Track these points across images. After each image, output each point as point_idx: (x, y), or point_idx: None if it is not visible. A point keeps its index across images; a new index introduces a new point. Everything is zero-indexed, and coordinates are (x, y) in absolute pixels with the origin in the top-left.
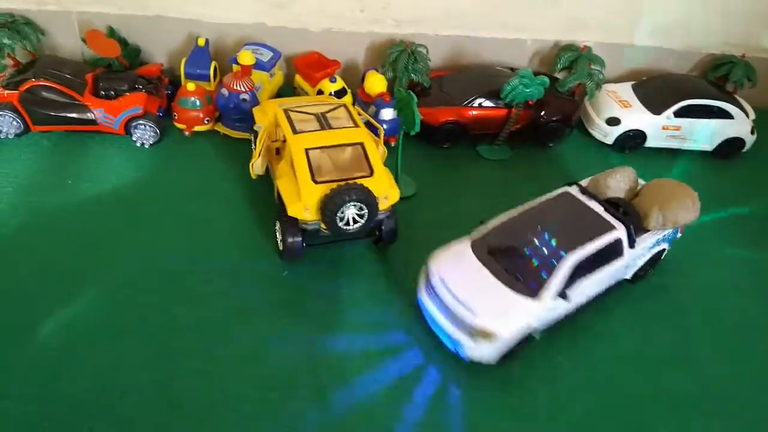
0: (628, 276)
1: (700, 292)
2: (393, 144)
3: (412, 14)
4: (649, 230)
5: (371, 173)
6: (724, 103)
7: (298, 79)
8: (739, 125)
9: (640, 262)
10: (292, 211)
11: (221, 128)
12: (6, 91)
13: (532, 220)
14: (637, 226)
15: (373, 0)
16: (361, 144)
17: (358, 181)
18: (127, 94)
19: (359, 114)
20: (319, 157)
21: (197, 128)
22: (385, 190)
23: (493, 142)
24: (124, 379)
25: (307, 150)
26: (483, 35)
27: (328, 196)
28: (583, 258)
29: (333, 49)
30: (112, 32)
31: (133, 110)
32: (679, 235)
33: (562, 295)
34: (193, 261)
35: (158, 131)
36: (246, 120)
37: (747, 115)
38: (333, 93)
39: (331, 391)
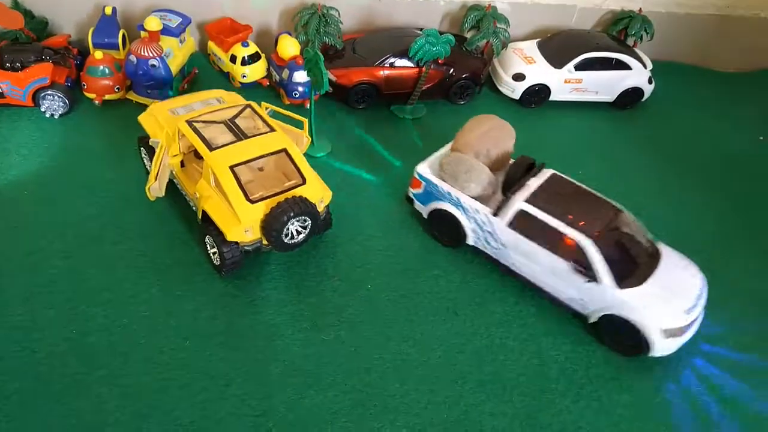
0: None
1: None
2: (307, 106)
3: None
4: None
5: (303, 180)
6: (621, 55)
7: (211, 45)
8: (637, 76)
9: None
10: (232, 237)
11: (133, 96)
12: None
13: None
14: None
15: None
16: (285, 150)
17: (293, 192)
18: (34, 65)
19: (266, 109)
20: (246, 173)
21: (108, 97)
22: (320, 194)
23: (407, 101)
24: (37, 338)
25: (231, 168)
26: None
27: (271, 216)
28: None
29: (245, 15)
30: (16, 4)
31: (39, 81)
32: None
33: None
34: (104, 226)
35: (67, 101)
36: (157, 86)
37: (644, 66)
38: (246, 57)
39: (247, 339)
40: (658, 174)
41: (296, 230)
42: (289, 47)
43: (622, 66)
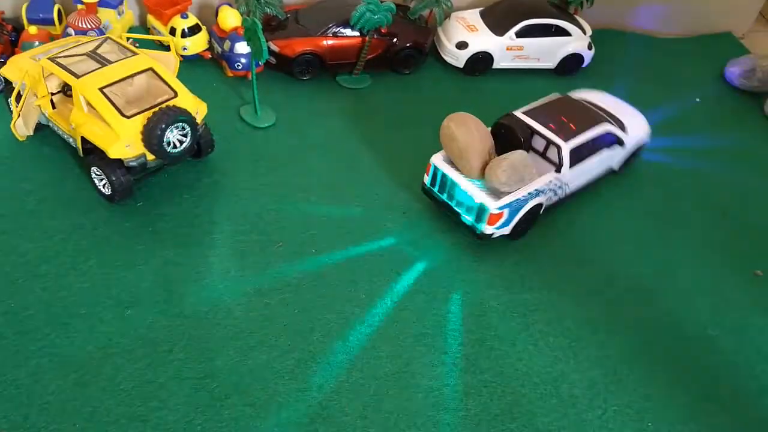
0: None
1: None
2: (249, 78)
3: None
4: None
5: (175, 94)
6: (561, 21)
7: (150, 18)
8: (577, 41)
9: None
10: (114, 153)
11: None
12: None
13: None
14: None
15: None
16: (151, 68)
17: (167, 104)
18: None
19: (129, 40)
20: (117, 93)
21: None
22: (195, 106)
23: (351, 71)
24: None
25: (101, 89)
26: None
27: (149, 126)
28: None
29: None
30: None
31: None
32: None
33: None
34: (44, 200)
35: (1, 80)
36: None
37: (584, 32)
38: (186, 29)
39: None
40: None
41: (178, 140)
42: (229, 18)
43: (562, 32)
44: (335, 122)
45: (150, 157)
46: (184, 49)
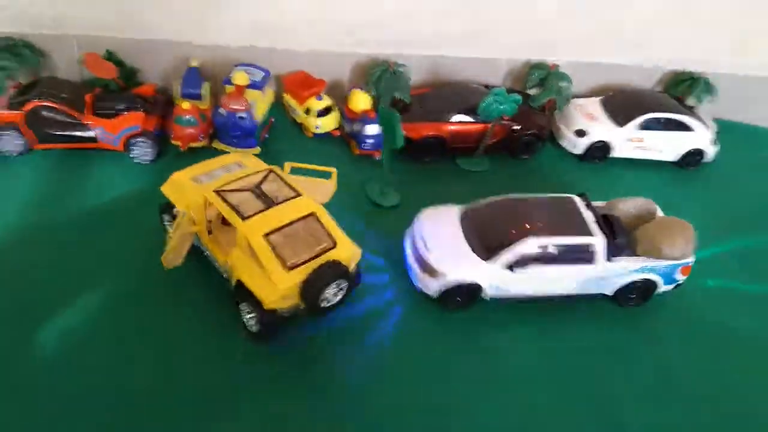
0: (608, 292)
1: None
2: (377, 157)
3: (394, 36)
4: (637, 255)
5: (334, 244)
6: (683, 116)
7: (287, 98)
8: (699, 137)
9: (620, 281)
10: (269, 304)
11: (219, 145)
12: (9, 112)
13: (522, 206)
14: (621, 245)
15: (360, 23)
16: (313, 214)
17: (326, 255)
18: (126, 113)
19: (291, 167)
20: (279, 240)
21: (192, 144)
22: (351, 254)
23: (472, 155)
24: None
25: (266, 236)
26: (460, 55)
27: (308, 283)
28: (545, 245)
29: (319, 69)
30: (109, 55)
31: (132, 128)
32: (680, 277)
33: (511, 268)
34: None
35: (156, 147)
36: (243, 136)
37: (707, 128)
38: (320, 110)
39: None
40: (726, 233)
41: (332, 294)
42: (361, 101)
43: (684, 127)
44: (457, 203)
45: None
46: (317, 127)
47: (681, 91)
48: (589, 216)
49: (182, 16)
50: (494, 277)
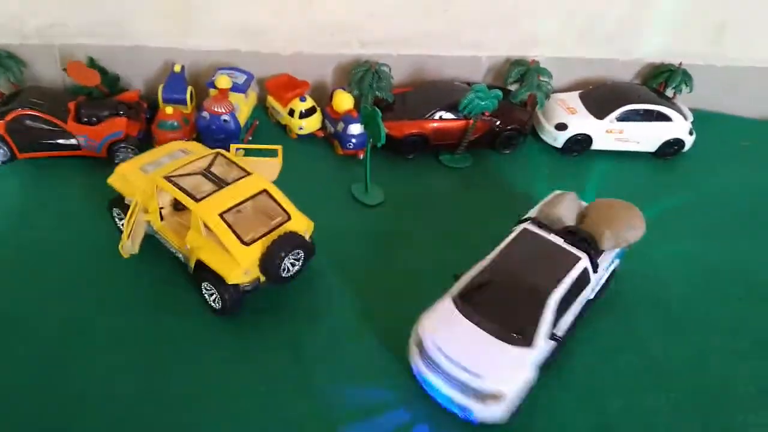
0: (592, 296)
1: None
2: (361, 156)
3: (375, 36)
4: (603, 251)
5: (288, 216)
6: (662, 107)
7: (270, 100)
8: (678, 127)
9: (602, 281)
10: (233, 279)
11: None
12: None
13: (504, 267)
14: (596, 251)
15: (342, 24)
16: (265, 190)
17: (283, 227)
18: (109, 119)
19: (237, 150)
20: (234, 217)
21: None
22: (305, 226)
23: (454, 151)
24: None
25: (221, 215)
26: (441, 54)
27: (268, 255)
28: (562, 295)
29: (302, 71)
30: (92, 62)
31: (114, 134)
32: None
33: (552, 336)
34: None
35: (139, 153)
36: (227, 138)
37: (685, 118)
38: (303, 111)
39: None
40: (702, 220)
41: (290, 263)
42: (344, 101)
43: (663, 118)
44: (440, 200)
45: (263, 278)
46: (300, 128)
47: (659, 83)
48: (558, 240)
49: (165, 22)
50: (540, 356)
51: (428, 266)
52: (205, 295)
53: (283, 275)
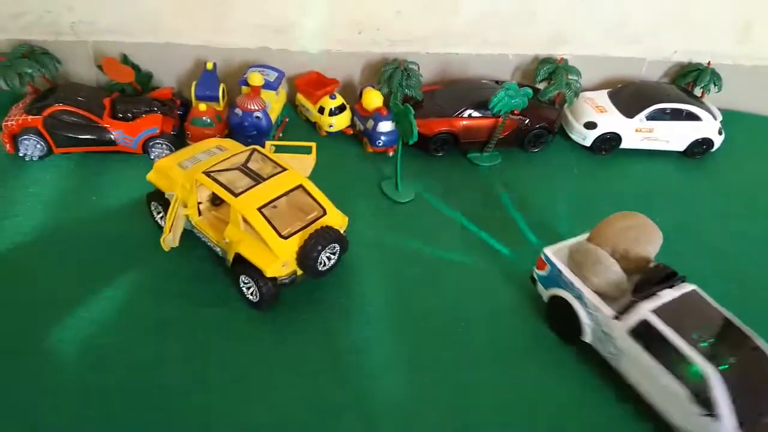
0: None
1: None
2: (391, 153)
3: (404, 35)
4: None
5: (324, 211)
6: (691, 106)
7: (300, 98)
8: (707, 127)
9: None
10: (271, 272)
11: None
12: (29, 117)
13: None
14: None
15: (369, 22)
16: (301, 186)
17: (319, 222)
18: (144, 116)
19: (271, 147)
20: (272, 212)
21: None
22: (341, 221)
23: (483, 149)
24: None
25: (259, 209)
26: (469, 52)
27: (305, 248)
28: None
29: (330, 69)
30: (125, 59)
31: (150, 130)
32: None
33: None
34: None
35: (174, 149)
36: (258, 135)
37: (714, 117)
38: (333, 109)
39: None
40: (731, 221)
41: (327, 257)
42: (373, 99)
43: (692, 117)
44: (469, 198)
45: (300, 272)
46: (330, 126)
47: (687, 82)
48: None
49: (197, 20)
50: None
51: (459, 260)
52: (243, 288)
53: (320, 269)
